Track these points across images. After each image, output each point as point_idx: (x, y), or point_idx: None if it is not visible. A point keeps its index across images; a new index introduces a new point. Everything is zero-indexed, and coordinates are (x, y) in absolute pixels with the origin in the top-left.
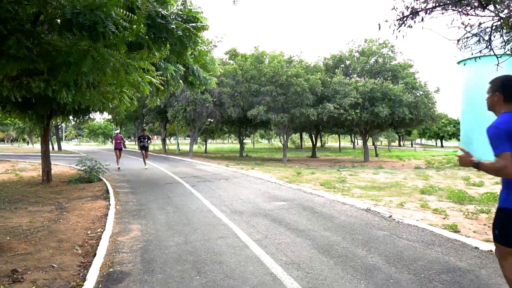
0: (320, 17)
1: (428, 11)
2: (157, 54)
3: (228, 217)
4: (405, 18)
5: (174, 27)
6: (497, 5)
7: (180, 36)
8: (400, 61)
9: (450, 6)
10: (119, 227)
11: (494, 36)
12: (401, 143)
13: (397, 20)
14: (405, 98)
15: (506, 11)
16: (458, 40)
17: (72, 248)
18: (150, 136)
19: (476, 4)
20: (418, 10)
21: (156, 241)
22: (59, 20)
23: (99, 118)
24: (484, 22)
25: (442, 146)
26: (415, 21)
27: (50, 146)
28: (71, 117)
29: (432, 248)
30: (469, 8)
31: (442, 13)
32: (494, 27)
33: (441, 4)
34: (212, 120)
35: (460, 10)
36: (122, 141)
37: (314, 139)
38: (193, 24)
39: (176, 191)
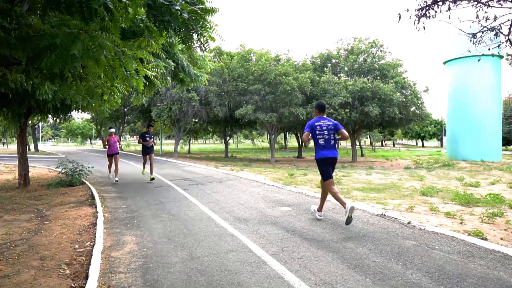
0: (306, 16)
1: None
2: (154, 43)
3: (232, 225)
4: (427, 8)
5: (179, 9)
6: None
7: (186, 20)
8: (388, 60)
9: None
10: (111, 240)
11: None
12: (383, 143)
13: (418, 9)
14: (396, 98)
15: None
16: (474, 35)
17: (58, 267)
18: (153, 135)
19: None
20: None
21: (156, 257)
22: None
23: (77, 117)
24: (502, 16)
25: (423, 146)
26: (436, 12)
27: (27, 147)
28: (50, 116)
29: (473, 261)
30: None
31: (456, 5)
32: None
33: None
34: (197, 120)
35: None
36: (118, 139)
37: (300, 139)
38: (201, 6)
39: (168, 195)
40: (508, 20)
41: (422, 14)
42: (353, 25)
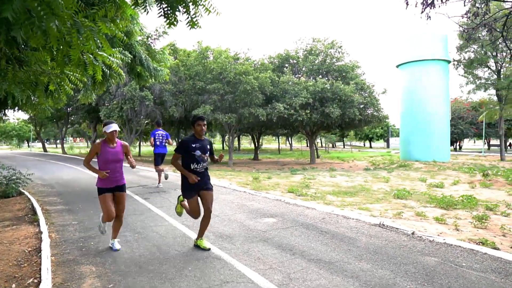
0: (262, 17)
1: None
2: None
3: (216, 245)
4: None
5: None
6: None
7: None
8: (347, 62)
9: None
10: (62, 272)
11: (508, 27)
12: (334, 144)
13: None
14: (356, 99)
15: None
16: (465, 31)
17: None
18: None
19: None
20: None
21: None
22: None
23: (13, 117)
24: (498, 12)
25: (371, 146)
26: (442, 1)
27: None
28: None
29: None
30: None
31: None
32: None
33: None
34: (150, 121)
35: None
36: (126, 150)
37: (256, 141)
38: None
39: (128, 207)
40: (503, 16)
41: (428, 4)
42: (311, 27)
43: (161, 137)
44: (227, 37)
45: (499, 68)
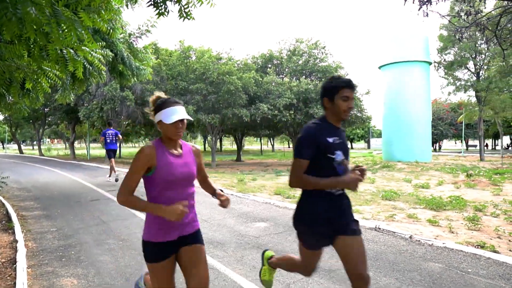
0: (244, 17)
1: None
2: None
3: (207, 252)
4: None
5: None
6: None
7: None
8: (330, 62)
9: None
10: (40, 287)
11: (502, 26)
12: None
13: None
14: None
15: None
16: (459, 30)
17: None
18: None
19: None
20: None
21: None
22: None
23: None
24: (491, 11)
25: (352, 147)
26: None
27: None
28: None
29: None
30: None
31: None
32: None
33: None
34: (130, 121)
35: None
36: (199, 159)
37: (239, 142)
38: None
39: (110, 211)
40: (497, 15)
41: (425, 1)
42: (294, 27)
43: (111, 136)
44: (209, 36)
45: (479, 70)
